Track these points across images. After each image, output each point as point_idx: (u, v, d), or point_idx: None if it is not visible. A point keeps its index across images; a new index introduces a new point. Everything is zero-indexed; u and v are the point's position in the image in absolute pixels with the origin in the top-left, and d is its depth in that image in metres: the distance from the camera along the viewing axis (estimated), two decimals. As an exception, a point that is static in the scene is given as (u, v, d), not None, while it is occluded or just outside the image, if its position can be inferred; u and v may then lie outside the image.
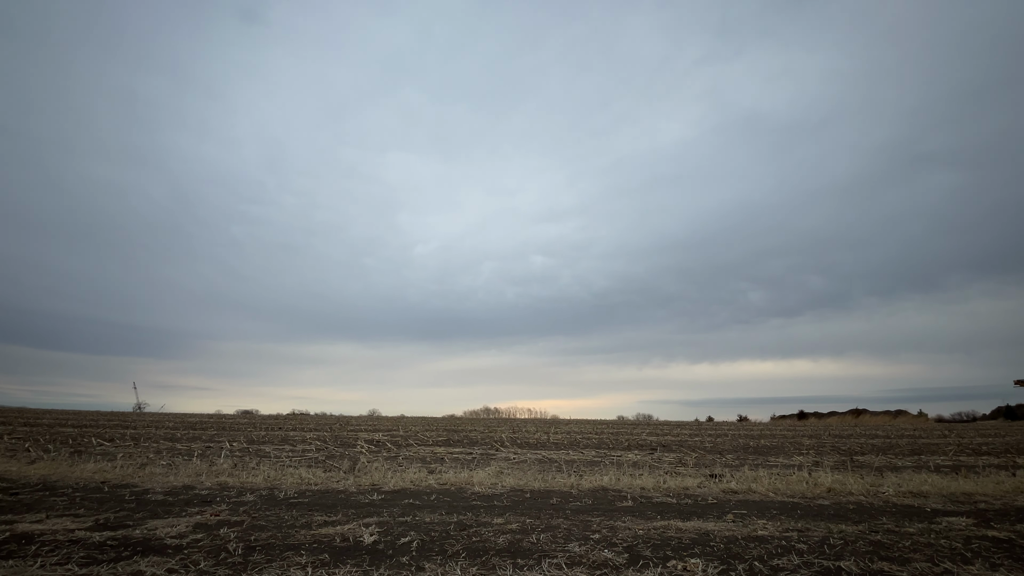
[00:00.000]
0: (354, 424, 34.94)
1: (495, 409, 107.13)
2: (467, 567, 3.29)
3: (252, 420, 43.66)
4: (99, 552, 3.49)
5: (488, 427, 32.60)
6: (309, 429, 25.89)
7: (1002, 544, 3.96)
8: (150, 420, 37.36)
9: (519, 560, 3.42)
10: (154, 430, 21.40)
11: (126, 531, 4.07)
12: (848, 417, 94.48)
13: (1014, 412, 78.72)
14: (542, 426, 36.57)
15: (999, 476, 7.97)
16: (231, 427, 26.36)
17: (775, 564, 3.39)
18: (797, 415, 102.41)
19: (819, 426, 58.63)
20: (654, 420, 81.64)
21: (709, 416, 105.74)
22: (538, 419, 77.69)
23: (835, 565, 3.36)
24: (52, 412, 53.45)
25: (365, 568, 3.25)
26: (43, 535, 3.89)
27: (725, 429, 36.50)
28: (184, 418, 43.90)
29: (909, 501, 5.85)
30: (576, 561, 3.43)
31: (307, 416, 74.17)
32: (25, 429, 19.44)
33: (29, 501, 5.26)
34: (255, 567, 3.23)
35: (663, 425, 46.32)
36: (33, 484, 6.29)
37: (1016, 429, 39.27)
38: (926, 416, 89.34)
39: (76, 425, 24.28)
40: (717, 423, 71.24)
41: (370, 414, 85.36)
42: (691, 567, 3.29)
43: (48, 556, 3.35)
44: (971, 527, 4.54)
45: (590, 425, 42.02)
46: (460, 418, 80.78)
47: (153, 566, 3.19)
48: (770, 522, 4.63)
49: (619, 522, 4.61)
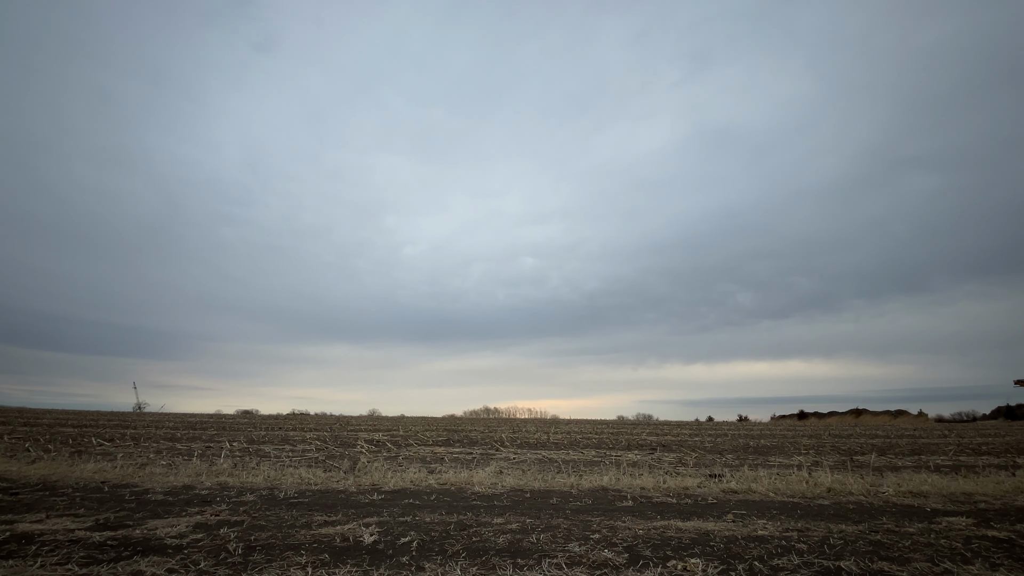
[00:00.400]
0: (354, 424, 34.94)
1: (495, 409, 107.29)
2: (467, 567, 3.29)
3: (252, 420, 43.66)
4: (99, 552, 3.49)
5: (488, 427, 32.61)
6: (309, 429, 25.89)
7: (1002, 544, 3.96)
8: (150, 420, 37.36)
9: (519, 560, 3.42)
10: (154, 430, 21.40)
11: (126, 531, 4.07)
12: (848, 417, 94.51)
13: (1014, 412, 78.73)
14: (542, 426, 36.58)
15: (999, 476, 7.97)
16: (231, 427, 26.36)
17: (775, 564, 3.39)
18: (797, 415, 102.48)
19: (819, 426, 58.61)
20: (654, 420, 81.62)
21: (709, 416, 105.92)
22: (538, 419, 77.70)
23: (835, 565, 3.36)
24: (52, 412, 53.44)
25: (365, 568, 3.25)
26: (43, 535, 3.88)
27: (725, 429, 36.50)
28: (184, 418, 43.90)
29: (909, 501, 5.86)
30: (576, 561, 3.42)
31: (307, 416, 74.19)
32: (25, 429, 19.44)
33: (29, 501, 5.26)
34: (255, 567, 3.23)
35: (663, 425, 46.32)
36: (33, 484, 6.29)
37: (1016, 429, 39.27)
38: (926, 416, 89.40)
39: (76, 425, 24.28)
40: (717, 423, 71.23)
41: (370, 414, 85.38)
42: (691, 567, 3.29)
43: (48, 556, 3.35)
44: (971, 527, 4.54)
45: (590, 425, 42.02)
46: (460, 418, 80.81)
47: (153, 566, 3.19)
48: (770, 522, 4.63)
49: (619, 522, 4.61)
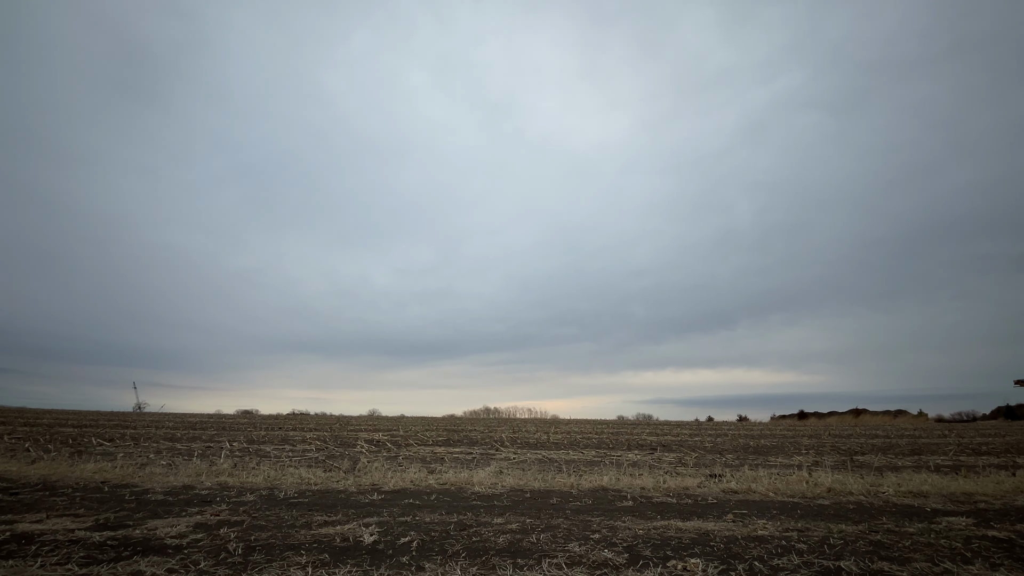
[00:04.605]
0: (354, 424, 34.93)
1: (495, 409, 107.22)
2: (467, 567, 3.29)
3: (252, 420, 43.66)
4: (99, 552, 3.49)
5: (488, 427, 32.60)
6: (309, 429, 25.88)
7: (1002, 544, 3.96)
8: (150, 420, 37.36)
9: (519, 560, 3.42)
10: (154, 430, 21.39)
11: (126, 531, 4.06)
12: (848, 417, 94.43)
13: (1014, 412, 78.65)
14: (542, 426, 36.57)
15: (999, 476, 7.97)
16: (231, 427, 26.36)
17: (775, 564, 3.39)
18: (797, 415, 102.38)
19: (819, 426, 58.61)
20: (654, 420, 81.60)
21: (709, 416, 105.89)
22: (538, 419, 77.65)
23: (835, 565, 3.36)
24: (52, 412, 53.44)
25: (365, 568, 3.25)
26: (43, 535, 3.88)
27: (725, 429, 36.49)
28: (184, 418, 43.90)
29: (909, 501, 5.85)
30: (576, 561, 3.42)
31: (307, 416, 74.15)
32: (25, 429, 19.44)
33: (29, 501, 5.26)
34: (255, 567, 3.23)
35: (663, 425, 46.32)
36: (33, 484, 6.29)
37: (1016, 429, 39.25)
38: (926, 416, 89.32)
39: (76, 425, 24.28)
40: (717, 423, 71.19)
41: (370, 414, 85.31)
42: (691, 567, 3.29)
43: (48, 556, 3.35)
44: (971, 527, 4.53)
45: (590, 425, 42.01)
46: (460, 418, 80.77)
47: (153, 566, 3.19)
48: (770, 522, 4.62)
49: (619, 522, 4.61)
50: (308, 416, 73.63)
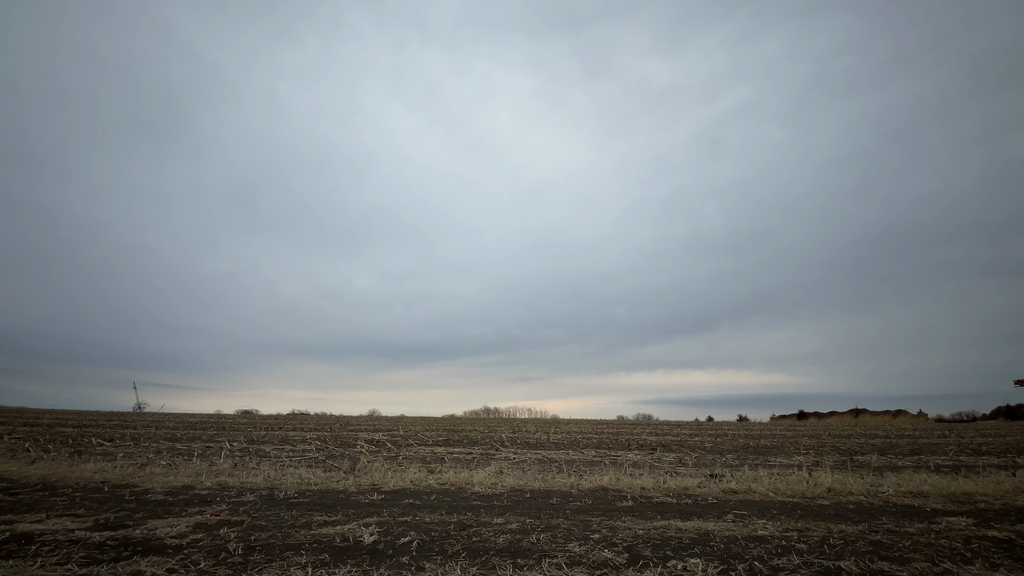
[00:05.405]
0: (354, 424, 34.93)
1: (495, 409, 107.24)
2: (467, 567, 3.29)
3: (252, 420, 43.65)
4: (99, 552, 3.49)
5: (488, 427, 32.60)
6: (309, 429, 25.88)
7: (1002, 544, 3.96)
8: (150, 420, 37.35)
9: (519, 560, 3.42)
10: (154, 430, 21.39)
11: (126, 531, 4.06)
12: (848, 417, 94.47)
13: (1014, 412, 78.67)
14: (542, 426, 36.56)
15: (999, 476, 7.97)
16: (231, 427, 26.36)
17: (775, 564, 3.39)
18: (797, 415, 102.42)
19: (819, 426, 58.60)
20: (654, 420, 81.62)
21: (709, 416, 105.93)
22: (538, 419, 77.64)
23: (835, 565, 3.36)
24: (52, 412, 53.43)
25: (365, 568, 3.25)
26: (43, 535, 3.88)
27: (725, 429, 36.49)
28: (184, 418, 43.89)
29: (909, 501, 5.85)
30: (576, 561, 3.42)
31: (307, 416, 74.16)
32: (25, 429, 19.44)
33: (29, 501, 5.26)
34: (255, 567, 3.23)
35: (663, 425, 46.32)
36: (33, 484, 6.29)
37: (1016, 429, 39.26)
38: (926, 416, 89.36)
39: (76, 425, 24.28)
40: (717, 423, 71.21)
41: (370, 414, 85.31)
42: (691, 567, 3.29)
43: (48, 556, 3.35)
44: (971, 527, 4.54)
45: (590, 425, 42.01)
46: (460, 418, 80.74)
47: (153, 566, 3.19)
48: (770, 522, 4.62)
49: (619, 522, 4.61)
50: (308, 416, 73.64)
